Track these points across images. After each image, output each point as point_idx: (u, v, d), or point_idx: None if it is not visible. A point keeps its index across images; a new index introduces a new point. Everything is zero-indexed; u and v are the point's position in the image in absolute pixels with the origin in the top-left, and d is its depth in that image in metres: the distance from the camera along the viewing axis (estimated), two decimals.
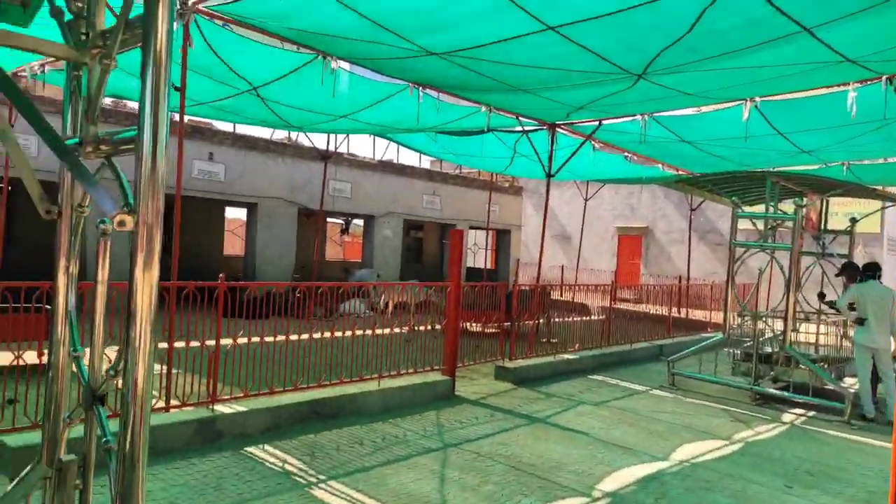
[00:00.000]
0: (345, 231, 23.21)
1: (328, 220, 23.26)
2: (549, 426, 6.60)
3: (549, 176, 11.38)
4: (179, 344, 5.50)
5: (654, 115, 9.73)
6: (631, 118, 10.12)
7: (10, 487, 1.96)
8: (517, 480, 5.02)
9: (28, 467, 1.98)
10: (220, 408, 5.46)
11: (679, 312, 15.52)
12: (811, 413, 7.98)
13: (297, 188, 16.81)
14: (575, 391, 8.30)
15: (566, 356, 9.65)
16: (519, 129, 11.10)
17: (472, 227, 22.70)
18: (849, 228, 10.27)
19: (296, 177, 16.81)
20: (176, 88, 6.58)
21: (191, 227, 18.69)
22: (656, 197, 23.19)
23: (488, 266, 24.87)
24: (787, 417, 7.73)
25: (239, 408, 5.53)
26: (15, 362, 4.64)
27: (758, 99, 8.47)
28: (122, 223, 1.37)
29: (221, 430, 5.29)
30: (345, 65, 7.97)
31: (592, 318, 12.48)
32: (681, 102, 8.82)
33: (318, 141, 16.05)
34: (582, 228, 21.69)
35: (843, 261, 9.54)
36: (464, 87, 8.74)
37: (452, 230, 8.02)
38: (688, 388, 8.90)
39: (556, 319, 11.90)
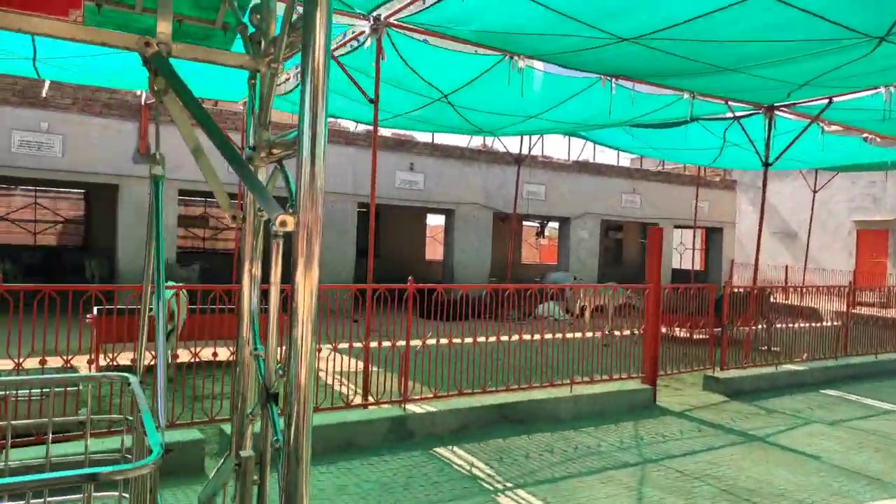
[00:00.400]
0: (540, 234, 23.06)
1: (524, 223, 23.29)
2: (770, 446, 5.76)
3: (766, 165, 10.16)
4: (376, 344, 5.74)
5: None
6: (871, 91, 8.58)
7: (211, 475, 2.07)
8: None
9: (223, 458, 2.08)
10: (412, 407, 5.57)
11: None
12: None
13: (492, 193, 17.02)
14: (802, 407, 7.20)
15: (790, 367, 8.45)
16: (729, 115, 10.03)
17: (676, 227, 21.19)
18: None
19: (490, 182, 17.04)
20: (370, 100, 6.95)
21: (395, 234, 19.92)
22: None
23: (696, 267, 23.03)
24: None
25: (429, 408, 5.60)
26: (231, 357, 5.16)
27: None
28: (283, 223, 1.38)
29: (412, 429, 5.39)
30: (532, 63, 7.82)
31: (824, 324, 10.83)
32: None
33: (512, 145, 16.13)
34: (810, 224, 19.14)
35: None
36: (661, 74, 8.08)
37: (651, 228, 7.44)
38: None
39: (779, 325, 10.53)
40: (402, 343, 5.61)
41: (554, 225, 22.32)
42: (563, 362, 6.72)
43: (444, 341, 5.90)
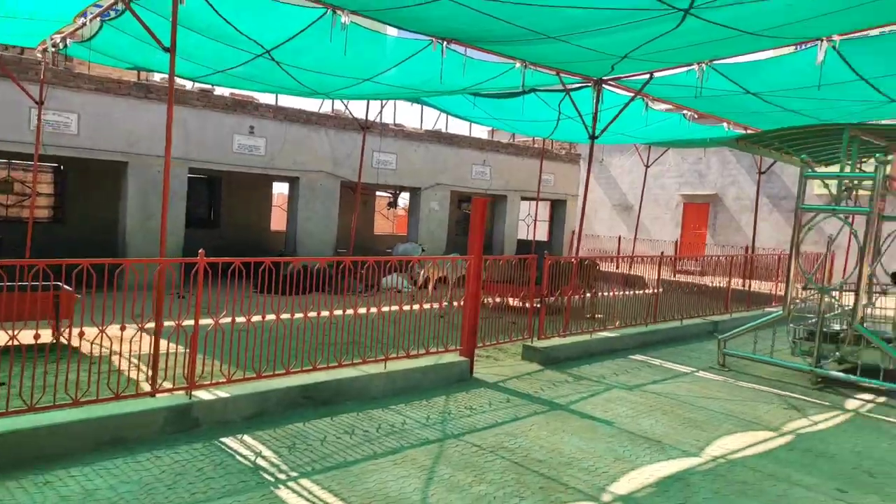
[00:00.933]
0: (393, 204, 22.84)
1: (377, 193, 22.94)
2: (570, 414, 5.94)
3: (592, 138, 10.47)
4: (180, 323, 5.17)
5: (713, 62, 8.63)
6: (686, 68, 9.03)
7: None
8: (517, 480, 4.42)
9: None
10: (200, 394, 5.09)
11: (744, 285, 14.31)
12: (881, 399, 6.97)
13: (341, 161, 16.47)
14: (609, 373, 7.56)
15: (605, 334, 8.88)
16: (560, 87, 10.20)
17: (524, 198, 21.83)
18: None
19: (339, 149, 16.46)
20: (165, 49, 6.21)
21: (238, 202, 18.78)
22: (727, 162, 21.57)
23: (542, 238, 23.99)
24: (851, 404, 6.75)
25: (221, 393, 5.15)
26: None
27: (836, 38, 7.27)
28: None
29: (198, 418, 4.93)
30: (358, 20, 7.37)
31: (641, 292, 11.55)
32: (742, 45, 7.72)
33: (360, 111, 15.64)
34: (641, 197, 20.49)
35: None
36: (489, 39, 7.97)
37: (475, 199, 7.38)
38: (740, 371, 8.00)
39: (605, 294, 11.08)
40: (189, 322, 5.09)
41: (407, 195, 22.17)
42: (383, 337, 6.50)
43: (255, 319, 5.44)
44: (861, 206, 7.90)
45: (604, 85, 10.15)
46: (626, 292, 11.41)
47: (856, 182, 7.85)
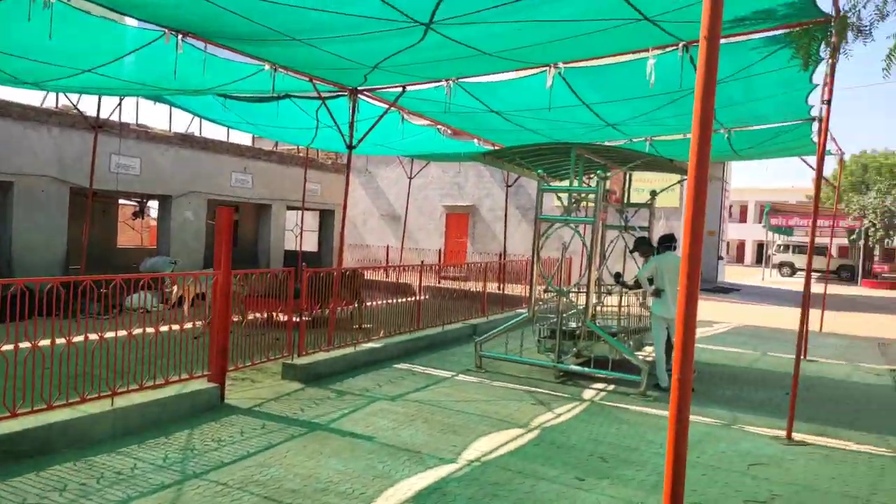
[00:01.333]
0: (139, 214, 20.54)
1: (121, 202, 20.47)
2: (330, 433, 5.64)
3: (350, 148, 10.35)
4: None
5: (460, 80, 9.02)
6: (435, 84, 9.32)
7: None
8: None
9: None
10: None
11: (499, 289, 15.38)
12: (611, 387, 7.82)
13: (70, 164, 14.26)
14: (373, 385, 7.43)
15: (370, 345, 8.76)
16: (314, 94, 9.90)
17: (291, 208, 21.13)
18: (649, 202, 10.39)
19: (67, 150, 14.25)
20: None
21: None
22: (482, 176, 23.22)
23: (313, 249, 23.49)
24: (587, 394, 7.47)
25: None
26: None
27: (561, 65, 8.07)
28: None
29: None
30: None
31: (406, 300, 11.73)
32: (483, 65, 8.16)
33: (92, 108, 13.71)
34: (407, 207, 21.08)
35: (642, 234, 9.62)
36: (230, 35, 7.35)
37: (219, 208, 6.75)
38: (495, 371, 8.43)
39: (370, 304, 11.03)
40: None
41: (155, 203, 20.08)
42: (123, 366, 5.56)
43: None
44: (588, 216, 8.85)
45: (359, 95, 10.11)
46: (393, 301, 11.50)
47: (582, 195, 8.76)
